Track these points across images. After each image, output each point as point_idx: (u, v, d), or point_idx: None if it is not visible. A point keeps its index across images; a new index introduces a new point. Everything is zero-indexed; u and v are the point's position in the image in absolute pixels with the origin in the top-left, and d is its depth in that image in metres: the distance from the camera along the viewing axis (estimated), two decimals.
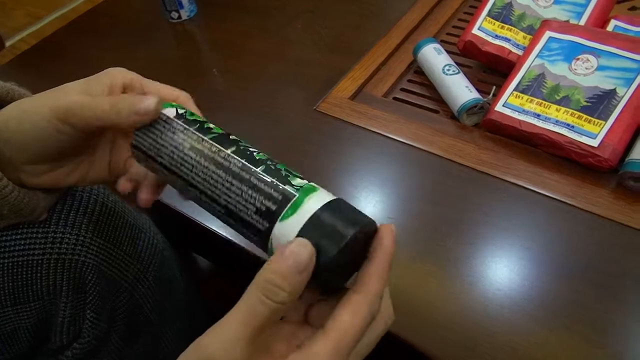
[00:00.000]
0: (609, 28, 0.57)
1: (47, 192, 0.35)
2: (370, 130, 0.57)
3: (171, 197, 0.52)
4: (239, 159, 0.28)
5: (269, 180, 0.26)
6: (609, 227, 0.45)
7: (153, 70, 0.71)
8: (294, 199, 0.25)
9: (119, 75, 0.32)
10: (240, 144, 0.29)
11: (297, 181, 0.26)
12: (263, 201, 0.26)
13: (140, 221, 0.45)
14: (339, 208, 0.25)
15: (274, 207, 0.25)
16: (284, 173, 0.27)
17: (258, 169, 0.27)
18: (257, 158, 0.28)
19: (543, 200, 0.48)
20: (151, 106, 0.29)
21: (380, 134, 0.56)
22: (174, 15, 0.79)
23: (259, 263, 0.24)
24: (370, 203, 0.50)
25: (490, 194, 0.49)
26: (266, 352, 0.24)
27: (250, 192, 0.26)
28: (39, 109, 0.29)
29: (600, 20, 0.58)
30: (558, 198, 0.48)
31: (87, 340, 0.40)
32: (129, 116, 0.29)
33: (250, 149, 0.28)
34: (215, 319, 0.24)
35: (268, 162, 0.28)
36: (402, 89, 0.63)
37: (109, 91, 0.31)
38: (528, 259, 0.44)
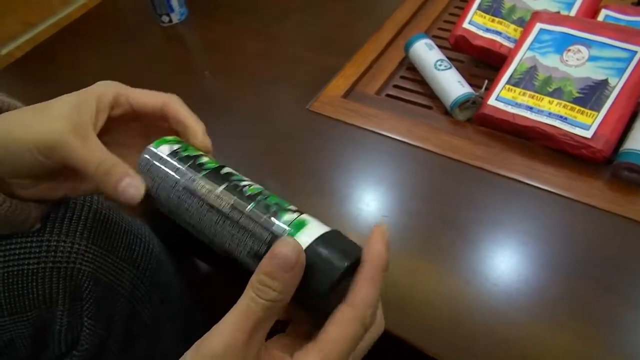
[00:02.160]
0: (600, 18, 0.57)
1: (39, 202, 0.35)
2: (363, 129, 0.57)
3: None
4: (230, 197, 0.28)
5: (259, 220, 0.27)
6: (604, 219, 0.45)
7: (145, 74, 0.71)
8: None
9: (106, 92, 0.32)
10: (232, 179, 0.29)
11: (287, 217, 0.27)
12: (253, 243, 0.27)
13: (135, 227, 0.45)
14: (331, 241, 0.26)
15: (264, 249, 0.26)
16: (274, 209, 0.27)
17: (248, 208, 0.27)
18: (248, 194, 0.28)
19: (538, 193, 0.48)
20: (136, 199, 0.30)
21: (374, 132, 0.56)
22: (165, 19, 0.78)
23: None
24: (365, 202, 0.50)
25: (485, 188, 0.49)
26: (264, 354, 0.25)
27: (241, 234, 0.27)
28: (23, 142, 0.29)
29: (591, 11, 0.57)
30: (553, 191, 0.48)
31: (85, 348, 0.40)
32: (113, 193, 0.30)
33: (242, 184, 0.29)
34: (213, 320, 0.25)
35: (259, 198, 0.28)
36: (395, 86, 0.63)
37: (96, 117, 0.31)
38: (524, 254, 0.44)
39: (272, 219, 0.27)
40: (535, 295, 0.41)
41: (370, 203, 0.50)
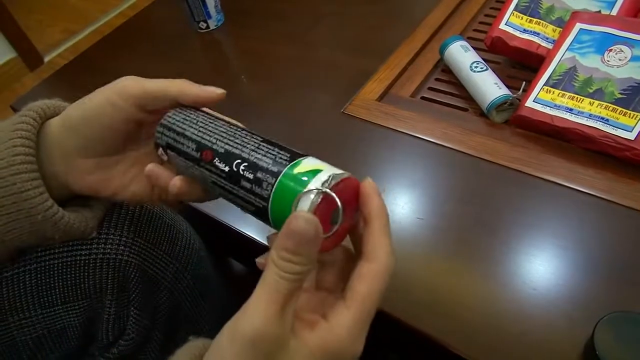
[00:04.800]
0: None
1: (93, 211, 0.37)
2: (398, 131, 0.57)
3: (207, 204, 0.53)
4: (251, 134, 0.31)
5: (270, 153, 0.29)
6: None
7: (183, 79, 0.74)
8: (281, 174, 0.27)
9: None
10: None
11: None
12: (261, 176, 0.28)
13: (177, 222, 0.47)
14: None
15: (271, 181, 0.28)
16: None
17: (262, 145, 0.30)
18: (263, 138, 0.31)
19: (578, 196, 0.47)
20: (219, 93, 0.34)
21: (409, 135, 0.56)
22: (202, 25, 0.81)
23: None
24: (400, 204, 0.50)
25: (523, 191, 0.48)
26: (297, 323, 0.25)
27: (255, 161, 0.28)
28: (103, 93, 0.33)
29: (633, 9, 0.56)
30: (593, 194, 0.47)
31: (131, 337, 0.41)
32: (196, 94, 0.34)
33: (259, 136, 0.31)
34: None
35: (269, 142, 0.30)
36: (430, 88, 0.63)
37: None
38: (563, 258, 0.43)
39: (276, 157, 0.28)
40: (575, 300, 0.40)
41: (405, 205, 0.50)
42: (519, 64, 0.62)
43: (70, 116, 0.34)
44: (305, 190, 0.26)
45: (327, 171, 0.27)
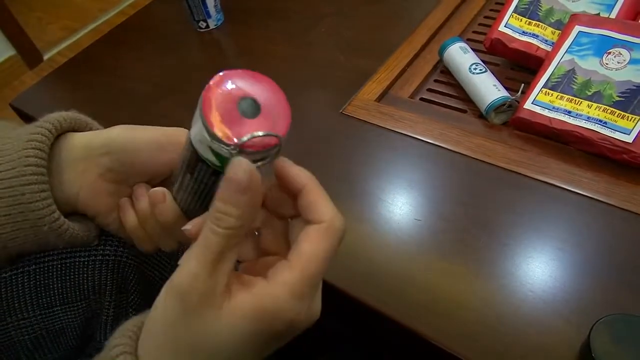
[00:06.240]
0: None
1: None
2: (397, 132, 0.57)
3: None
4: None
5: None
6: None
7: (183, 78, 0.74)
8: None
9: None
10: None
11: None
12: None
13: None
14: None
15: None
16: None
17: None
18: None
19: (576, 198, 0.47)
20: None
21: (407, 136, 0.56)
22: (202, 24, 0.81)
23: None
24: (398, 205, 0.50)
25: (521, 193, 0.49)
26: (235, 282, 0.24)
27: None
28: (145, 137, 0.34)
29: (632, 12, 0.56)
30: (592, 196, 0.47)
31: None
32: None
33: None
34: None
35: None
36: (429, 90, 0.63)
37: None
38: (561, 260, 0.43)
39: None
40: (572, 302, 0.40)
41: (403, 207, 0.50)
42: (518, 66, 0.62)
43: (124, 148, 0.34)
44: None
45: None
